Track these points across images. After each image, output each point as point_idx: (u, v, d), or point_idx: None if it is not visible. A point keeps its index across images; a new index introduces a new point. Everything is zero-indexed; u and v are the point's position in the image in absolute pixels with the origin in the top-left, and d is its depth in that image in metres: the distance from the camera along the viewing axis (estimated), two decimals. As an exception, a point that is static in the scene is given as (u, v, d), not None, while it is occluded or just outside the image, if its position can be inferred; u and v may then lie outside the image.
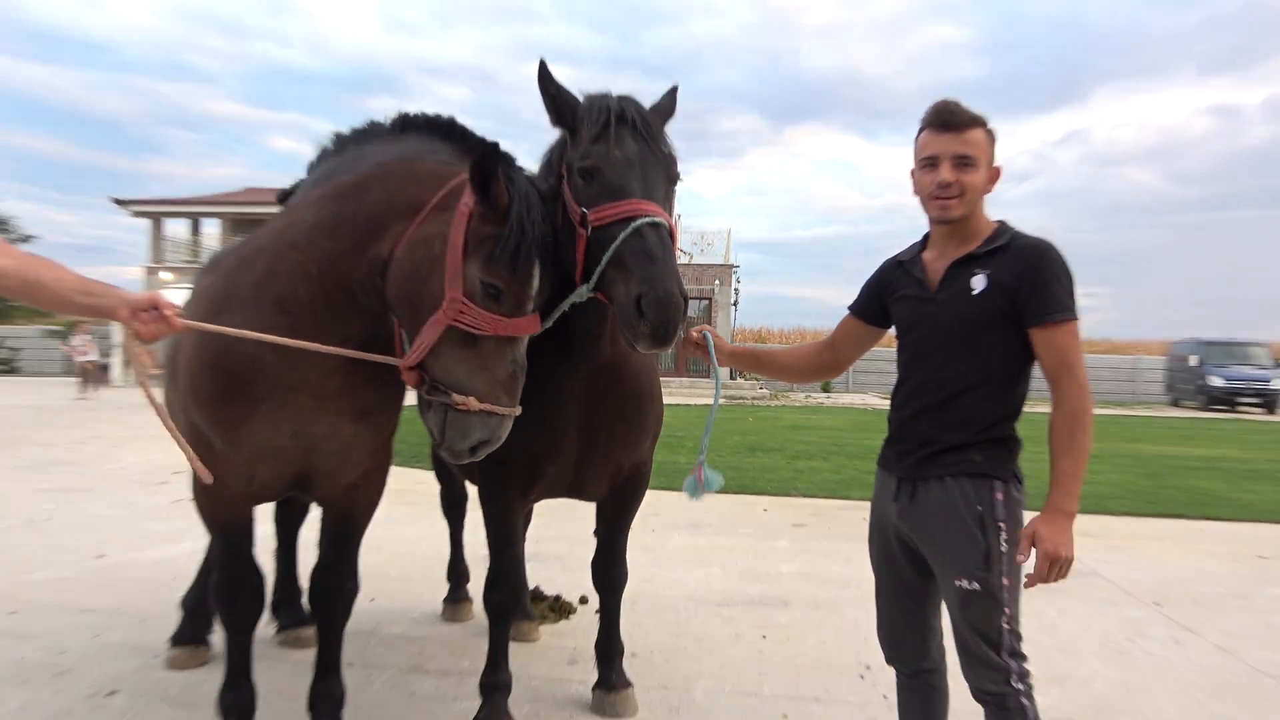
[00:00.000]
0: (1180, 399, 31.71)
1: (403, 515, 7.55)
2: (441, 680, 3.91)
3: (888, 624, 2.68)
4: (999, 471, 2.37)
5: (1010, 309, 2.34)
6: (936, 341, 2.46)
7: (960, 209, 2.41)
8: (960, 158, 2.39)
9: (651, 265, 2.44)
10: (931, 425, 2.44)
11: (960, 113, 2.41)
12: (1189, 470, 12.18)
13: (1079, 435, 2.27)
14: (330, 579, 3.17)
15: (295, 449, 2.89)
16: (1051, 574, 2.25)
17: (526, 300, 2.58)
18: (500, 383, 2.54)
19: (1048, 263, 2.33)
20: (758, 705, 3.70)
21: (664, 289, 2.40)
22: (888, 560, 2.62)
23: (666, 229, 2.53)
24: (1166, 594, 5.67)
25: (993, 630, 2.32)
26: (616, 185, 2.58)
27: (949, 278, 2.45)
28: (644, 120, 2.69)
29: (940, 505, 2.39)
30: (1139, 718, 3.68)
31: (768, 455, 12.59)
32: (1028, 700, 2.33)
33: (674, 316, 2.41)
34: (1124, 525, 8.13)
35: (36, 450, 11.55)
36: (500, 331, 2.51)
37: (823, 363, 2.94)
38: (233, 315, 2.77)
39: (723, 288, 31.20)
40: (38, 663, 3.95)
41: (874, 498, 2.68)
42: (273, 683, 3.74)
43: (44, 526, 6.85)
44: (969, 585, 2.32)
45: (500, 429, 2.54)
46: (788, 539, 7.14)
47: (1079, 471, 2.27)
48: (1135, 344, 44.94)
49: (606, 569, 3.60)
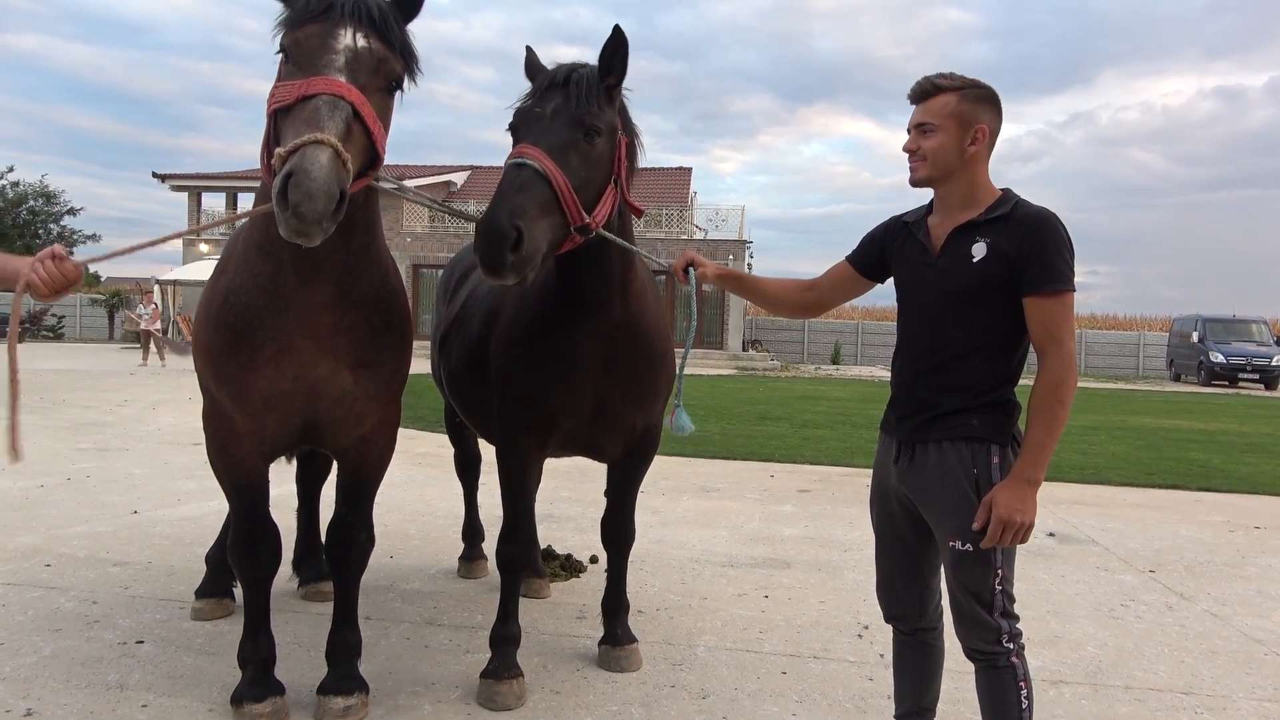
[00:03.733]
0: (1182, 374, 32.00)
1: (423, 477, 7.76)
2: (455, 633, 4.07)
3: (887, 583, 2.75)
4: (996, 436, 2.42)
5: (1009, 277, 2.37)
6: (936, 307, 2.51)
7: (923, 170, 2.51)
8: (920, 125, 2.50)
9: (494, 200, 2.68)
10: (930, 389, 2.50)
11: (924, 84, 2.51)
12: (1187, 443, 12.27)
13: (1055, 407, 2.32)
14: (345, 532, 3.30)
15: (298, 395, 2.98)
16: (1006, 538, 2.30)
17: (323, 54, 2.44)
18: (301, 120, 2.33)
19: (1048, 233, 2.36)
20: (758, 662, 3.84)
21: (487, 219, 2.63)
22: (888, 521, 2.70)
23: (534, 170, 2.71)
24: (1161, 561, 5.79)
25: (985, 591, 2.40)
26: (517, 136, 2.90)
27: (950, 244, 2.49)
28: (575, 79, 2.88)
29: (938, 468, 2.46)
30: (1129, 679, 3.79)
31: (776, 424, 12.73)
32: (1018, 659, 2.42)
33: (491, 242, 2.60)
34: (1121, 495, 8.25)
35: (77, 412, 11.82)
36: (294, 95, 2.37)
37: (803, 301, 3.04)
38: (229, 272, 2.98)
39: (736, 263, 31.49)
40: (71, 612, 4.13)
41: (876, 460, 2.77)
42: (294, 634, 3.91)
43: (82, 484, 7.07)
44: (962, 546, 2.39)
45: (304, 160, 2.22)
46: (793, 504, 7.28)
47: (1049, 442, 2.33)
48: (1138, 320, 44.94)
49: (615, 527, 3.74)
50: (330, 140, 2.26)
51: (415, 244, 31.98)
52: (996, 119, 2.50)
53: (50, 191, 46.32)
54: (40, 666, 3.50)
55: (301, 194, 2.19)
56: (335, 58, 2.45)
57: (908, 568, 2.69)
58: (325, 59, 2.44)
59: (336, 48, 2.46)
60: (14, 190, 45.28)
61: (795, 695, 3.51)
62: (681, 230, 33.27)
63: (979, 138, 2.45)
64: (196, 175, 36.47)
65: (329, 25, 2.49)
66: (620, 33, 2.92)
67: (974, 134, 2.44)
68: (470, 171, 38.85)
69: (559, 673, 3.67)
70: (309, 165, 2.21)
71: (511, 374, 3.37)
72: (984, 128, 2.45)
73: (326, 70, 2.42)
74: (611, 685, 3.55)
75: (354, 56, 2.48)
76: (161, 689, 3.36)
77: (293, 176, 2.20)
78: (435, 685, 3.50)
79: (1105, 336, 38.55)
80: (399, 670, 3.62)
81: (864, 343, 37.64)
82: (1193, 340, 30.76)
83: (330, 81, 2.39)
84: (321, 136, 2.26)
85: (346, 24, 2.50)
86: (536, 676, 3.58)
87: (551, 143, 2.77)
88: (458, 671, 3.63)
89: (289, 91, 2.40)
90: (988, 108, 2.48)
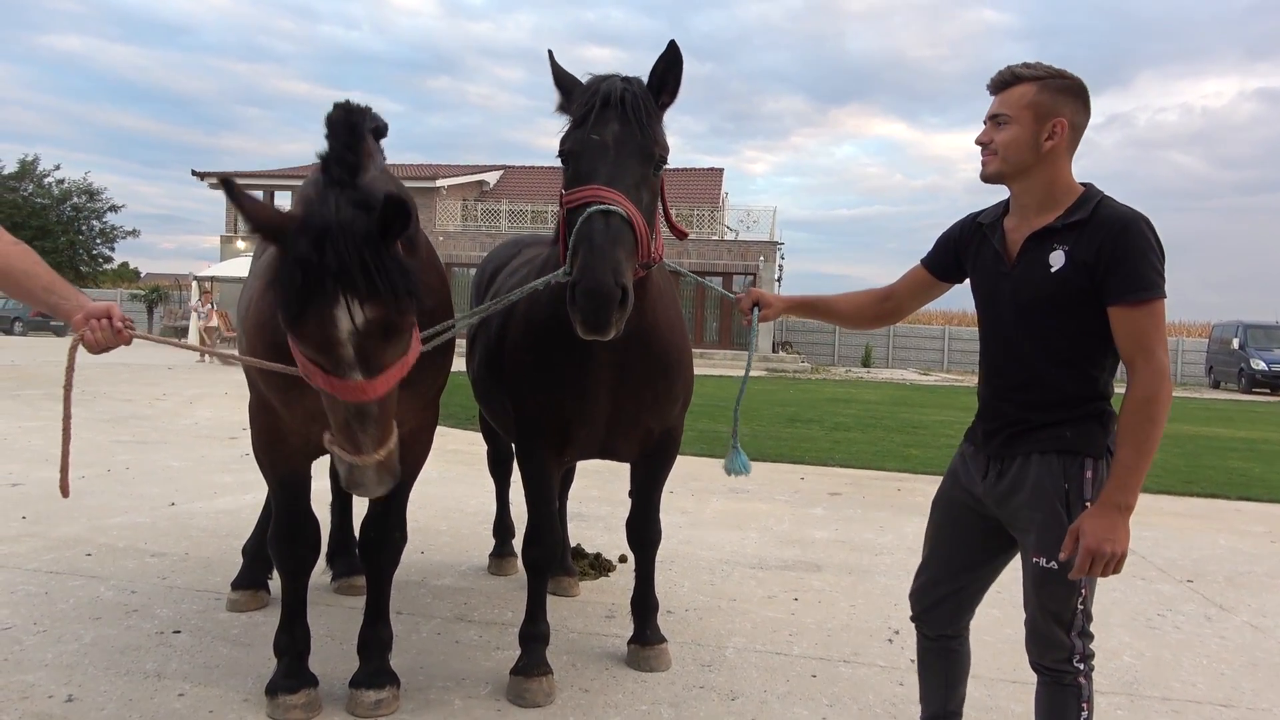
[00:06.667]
0: (1221, 382, 31.39)
1: (454, 474, 7.82)
2: (485, 630, 4.10)
3: (931, 588, 2.65)
4: (1090, 448, 2.29)
5: (1090, 286, 2.22)
6: (1014, 320, 2.38)
7: (994, 165, 2.38)
8: (994, 116, 2.38)
9: (589, 254, 2.52)
10: (1015, 405, 2.38)
11: (1004, 73, 2.38)
12: (1227, 451, 12.02)
13: (1146, 426, 2.16)
14: (379, 530, 3.34)
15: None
16: (1095, 569, 2.14)
17: (329, 349, 2.28)
18: (339, 429, 2.36)
19: (1132, 236, 2.19)
20: (787, 664, 3.82)
21: (593, 280, 2.48)
22: (958, 530, 2.59)
23: (620, 216, 2.58)
24: (1200, 571, 5.67)
25: (1066, 611, 2.29)
26: (583, 170, 2.70)
27: (1026, 251, 2.35)
28: (631, 101, 2.73)
29: (1028, 482, 2.33)
30: (1167, 690, 3.72)
31: (807, 426, 12.66)
32: (1085, 680, 2.32)
33: (601, 305, 2.47)
34: (1158, 503, 8.08)
35: (117, 405, 12.06)
36: (316, 383, 2.33)
37: (881, 311, 2.92)
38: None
39: (767, 264, 31.62)
40: (110, 601, 4.20)
41: (952, 466, 2.64)
42: (327, 627, 3.95)
43: (121, 476, 7.21)
44: (1047, 564, 2.27)
45: (354, 476, 2.35)
46: (823, 506, 7.24)
47: (1142, 464, 2.16)
48: (1176, 326, 44.11)
49: (640, 527, 3.73)
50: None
51: (448, 243, 32.21)
52: (1081, 113, 2.34)
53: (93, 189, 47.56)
54: (81, 654, 3.57)
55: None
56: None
57: (960, 577, 2.60)
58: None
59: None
60: (59, 188, 46.43)
61: (825, 699, 3.49)
62: (712, 231, 33.27)
63: (1057, 132, 2.29)
64: (234, 173, 37.15)
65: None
66: (676, 49, 2.83)
67: (1051, 127, 2.29)
68: (503, 171, 39.18)
69: (588, 671, 3.68)
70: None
71: (522, 381, 3.35)
72: (1063, 121, 2.29)
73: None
74: (640, 685, 3.55)
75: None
76: (198, 678, 3.41)
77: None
78: (465, 681, 3.52)
79: (1144, 342, 37.89)
80: (430, 665, 3.65)
81: (895, 345, 37.33)
82: (1233, 347, 30.20)
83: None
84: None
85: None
86: (566, 674, 3.59)
87: (626, 182, 2.68)
88: (488, 668, 3.65)
89: None
90: (1070, 100, 2.32)
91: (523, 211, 33.89)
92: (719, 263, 31.43)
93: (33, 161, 46.22)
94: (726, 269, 31.40)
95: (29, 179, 45.92)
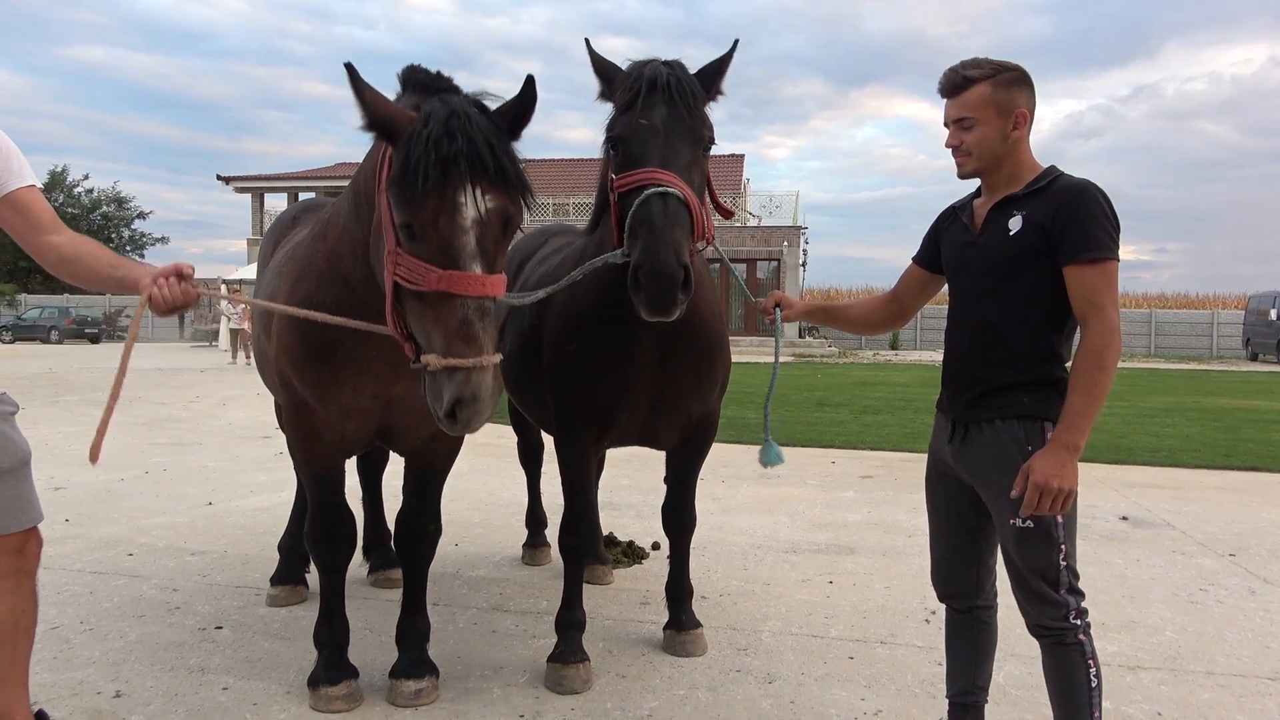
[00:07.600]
0: (1259, 354, 30.81)
1: (486, 467, 7.88)
2: (521, 619, 4.12)
3: (945, 561, 2.74)
4: (1048, 412, 2.39)
5: (1046, 247, 2.35)
6: (978, 283, 2.51)
7: (970, 164, 2.51)
8: (958, 120, 2.48)
9: (650, 236, 2.53)
10: (977, 366, 2.49)
11: (953, 76, 2.47)
12: (1266, 424, 11.81)
13: (1095, 373, 2.27)
14: (413, 523, 3.37)
15: (376, 408, 3.10)
16: (1044, 504, 2.24)
17: (453, 236, 2.25)
18: (454, 332, 2.23)
19: (1085, 202, 2.33)
20: (824, 647, 3.81)
21: (658, 260, 2.49)
22: (947, 499, 2.68)
23: (677, 198, 2.60)
24: (1242, 545, 5.59)
25: (1050, 567, 2.36)
26: (635, 154, 2.72)
27: (990, 220, 2.50)
28: (676, 85, 2.75)
29: (992, 447, 2.44)
30: (1211, 664, 3.67)
31: (836, 410, 12.61)
32: (1085, 636, 2.39)
33: (665, 287, 2.49)
34: (1197, 477, 7.98)
35: (152, 409, 12.27)
36: (431, 286, 2.24)
37: (889, 314, 3.03)
38: (309, 284, 3.00)
39: (791, 249, 31.39)
40: (153, 600, 4.28)
41: (932, 440, 2.75)
42: (364, 620, 4.00)
43: (159, 477, 7.36)
44: (1023, 524, 2.36)
45: (470, 385, 2.20)
46: (855, 489, 7.21)
47: (1090, 409, 2.28)
48: (1211, 299, 43.56)
49: (676, 513, 3.74)
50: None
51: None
52: (1032, 98, 2.48)
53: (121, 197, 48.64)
54: (126, 651, 3.64)
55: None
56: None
57: (966, 545, 2.68)
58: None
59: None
60: (88, 197, 47.30)
61: (863, 680, 3.48)
62: (735, 218, 33.12)
63: (1020, 122, 2.44)
64: (258, 177, 37.67)
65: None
66: (734, 48, 2.94)
67: (1015, 119, 2.43)
68: (521, 165, 39.24)
69: (624, 657, 3.69)
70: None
71: (565, 370, 3.36)
72: (1024, 111, 2.44)
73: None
74: (677, 669, 3.56)
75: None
76: (241, 672, 3.46)
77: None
78: (503, 669, 3.55)
79: (1177, 316, 37.43)
80: (467, 655, 3.68)
81: (923, 327, 37.05)
82: (1270, 318, 29.65)
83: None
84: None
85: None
86: (602, 661, 3.61)
87: (679, 164, 2.70)
88: (525, 656, 3.67)
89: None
90: (1023, 89, 2.46)
91: (543, 204, 33.95)
92: (743, 249, 31.31)
93: (62, 172, 47.12)
94: (751, 255, 31.28)
95: (59, 189, 46.79)
